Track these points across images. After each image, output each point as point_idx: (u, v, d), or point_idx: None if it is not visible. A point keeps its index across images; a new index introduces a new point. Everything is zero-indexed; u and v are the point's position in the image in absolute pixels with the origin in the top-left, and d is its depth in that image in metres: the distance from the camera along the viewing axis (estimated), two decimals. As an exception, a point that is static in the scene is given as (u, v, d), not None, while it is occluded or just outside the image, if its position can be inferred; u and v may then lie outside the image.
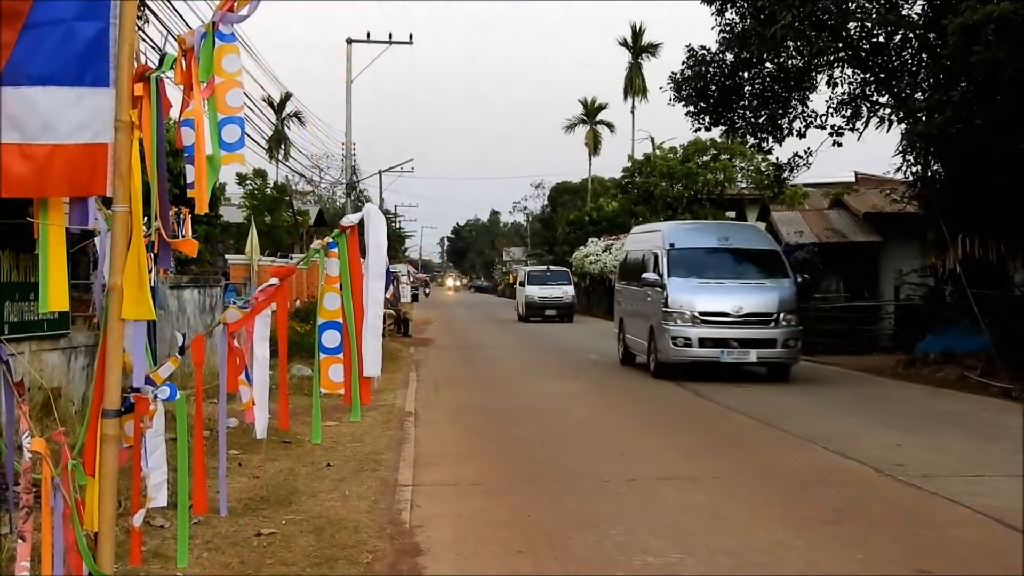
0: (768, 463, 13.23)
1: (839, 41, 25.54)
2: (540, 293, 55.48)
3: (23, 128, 4.52)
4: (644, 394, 21.22)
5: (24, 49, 4.51)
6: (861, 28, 26.11)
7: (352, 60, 46.39)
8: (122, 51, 4.59)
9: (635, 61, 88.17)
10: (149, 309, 4.61)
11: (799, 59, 26.54)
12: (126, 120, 4.56)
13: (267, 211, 47.21)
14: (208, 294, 22.77)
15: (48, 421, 11.01)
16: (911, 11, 25.48)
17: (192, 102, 4.59)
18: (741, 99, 28.11)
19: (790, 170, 30.10)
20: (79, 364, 14.90)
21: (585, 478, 12.11)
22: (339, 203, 66.64)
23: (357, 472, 12.24)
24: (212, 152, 4.60)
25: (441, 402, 19.88)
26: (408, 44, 46.74)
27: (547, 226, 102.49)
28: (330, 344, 5.29)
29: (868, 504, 10.87)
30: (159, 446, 4.98)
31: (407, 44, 46.69)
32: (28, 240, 5.17)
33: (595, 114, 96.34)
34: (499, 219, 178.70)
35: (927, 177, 25.86)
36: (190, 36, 4.73)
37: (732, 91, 27.76)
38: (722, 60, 27.35)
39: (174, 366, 5.03)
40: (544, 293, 55.45)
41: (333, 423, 14.98)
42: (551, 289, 55.62)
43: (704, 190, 52.56)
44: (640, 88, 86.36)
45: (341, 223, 5.31)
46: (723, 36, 26.98)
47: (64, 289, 4.87)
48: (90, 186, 4.66)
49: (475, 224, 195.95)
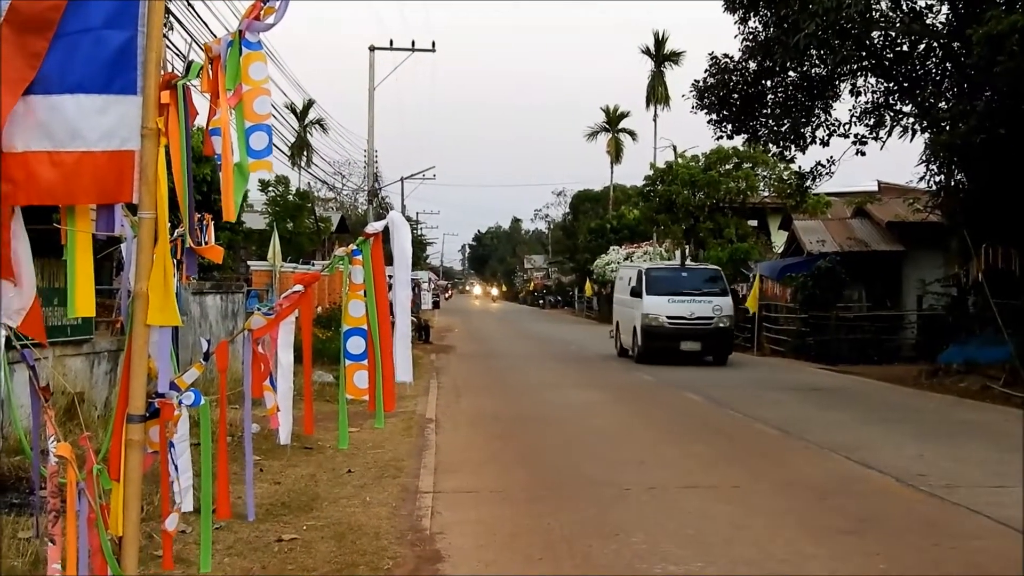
0: (788, 472, 13.20)
1: (863, 50, 25.49)
2: (673, 311, 32.03)
3: (52, 136, 4.56)
4: (664, 402, 21.21)
5: (55, 58, 4.54)
6: (885, 37, 26.04)
7: (375, 68, 46.47)
8: (149, 59, 4.62)
9: (658, 69, 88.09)
10: (174, 315, 4.64)
11: (822, 68, 26.48)
12: (153, 128, 4.58)
13: (289, 218, 47.34)
14: (230, 300, 22.85)
15: (72, 425, 11.08)
16: (935, 20, 25.43)
17: (219, 110, 4.62)
18: (764, 107, 28.07)
19: (813, 179, 30.02)
20: (102, 369, 14.99)
21: (605, 486, 12.11)
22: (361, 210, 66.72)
23: (378, 478, 12.27)
24: (240, 160, 4.63)
25: (462, 409, 19.91)
26: (431, 52, 46.82)
27: (568, 234, 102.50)
28: (355, 350, 5.31)
29: (890, 514, 10.83)
30: (185, 451, 5.02)
31: (430, 52, 46.77)
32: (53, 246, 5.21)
33: (617, 122, 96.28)
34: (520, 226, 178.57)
35: (950, 186, 25.78)
36: (217, 44, 4.74)
37: (755, 99, 27.73)
38: (745, 68, 27.33)
39: (199, 372, 5.06)
40: (680, 311, 31.99)
41: (355, 429, 15.00)
42: (692, 304, 32.23)
43: (726, 199, 52.30)
44: (662, 96, 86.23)
45: (365, 230, 5.33)
46: (746, 44, 26.96)
47: (91, 295, 4.90)
48: (117, 193, 4.68)
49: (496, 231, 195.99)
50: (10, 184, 4.53)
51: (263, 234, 37.70)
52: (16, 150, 4.54)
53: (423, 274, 60.62)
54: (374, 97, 46.75)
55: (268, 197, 48.53)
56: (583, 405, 20.41)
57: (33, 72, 4.53)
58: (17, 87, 4.52)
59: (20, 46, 4.52)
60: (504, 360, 33.78)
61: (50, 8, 4.55)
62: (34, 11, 4.54)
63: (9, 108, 4.50)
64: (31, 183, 4.57)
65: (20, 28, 4.52)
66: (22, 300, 4.61)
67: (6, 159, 4.51)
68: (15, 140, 4.54)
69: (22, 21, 4.52)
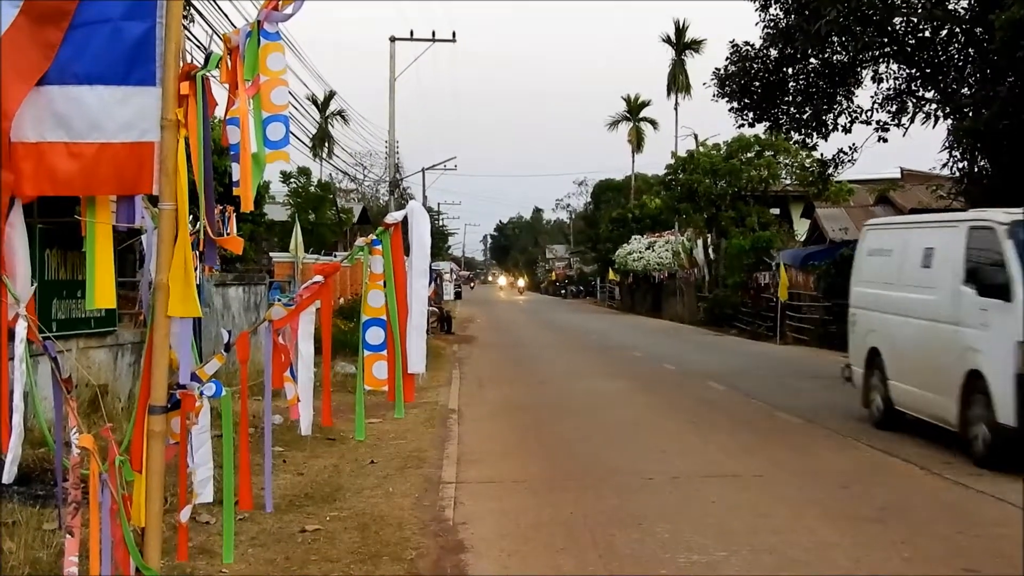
0: (812, 461, 13.16)
1: (884, 36, 25.30)
2: None
3: (70, 127, 4.57)
4: (687, 392, 21.15)
5: (71, 48, 4.56)
6: (907, 23, 25.84)
7: (396, 58, 46.39)
8: (168, 50, 4.62)
9: (678, 57, 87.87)
10: (195, 306, 4.64)
11: (844, 54, 26.30)
12: (172, 119, 4.59)
13: (311, 209, 47.41)
14: (253, 292, 22.90)
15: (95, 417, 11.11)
16: (957, 6, 25.18)
17: (237, 100, 4.61)
18: (785, 95, 27.88)
19: (835, 166, 29.80)
20: (126, 361, 15.04)
21: (628, 475, 12.10)
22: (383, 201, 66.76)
23: (401, 469, 12.29)
24: (257, 150, 4.62)
25: (484, 399, 19.92)
26: (451, 42, 46.68)
27: (590, 223, 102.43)
28: (374, 341, 5.30)
29: (914, 502, 10.79)
30: (205, 442, 5.01)
31: (450, 42, 46.63)
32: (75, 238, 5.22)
33: (638, 111, 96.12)
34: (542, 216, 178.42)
35: (974, 173, 25.56)
36: (235, 35, 4.75)
37: (776, 87, 27.55)
38: (766, 56, 27.15)
39: (220, 363, 5.06)
40: None
41: (377, 420, 15.03)
42: None
43: (748, 187, 52.05)
44: (683, 84, 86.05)
45: (385, 220, 5.32)
46: (767, 32, 26.78)
47: (111, 287, 4.91)
48: (137, 184, 4.69)
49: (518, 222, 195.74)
50: (15, 174, 4.52)
51: (285, 225, 37.75)
52: (28, 140, 4.55)
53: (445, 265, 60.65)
54: (395, 88, 46.66)
55: (290, 189, 48.62)
56: (605, 394, 20.39)
57: (48, 63, 4.54)
58: (31, 77, 4.53)
59: (35, 36, 4.53)
60: (526, 350, 33.77)
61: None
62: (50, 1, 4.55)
63: (21, 98, 4.50)
64: (45, 173, 4.58)
65: (36, 18, 4.53)
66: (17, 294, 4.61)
67: (15, 149, 4.51)
68: (27, 130, 4.54)
69: (38, 11, 4.53)
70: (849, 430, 15.33)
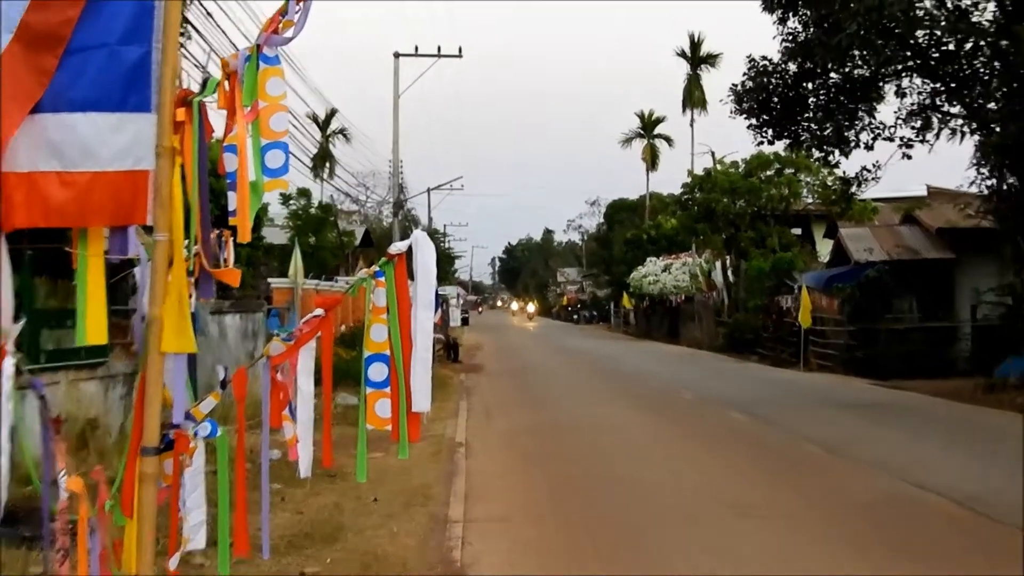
0: (839, 495, 13.07)
1: (907, 50, 25.32)
2: None
3: (62, 155, 4.56)
4: (706, 419, 21.08)
5: (65, 75, 4.55)
6: (930, 36, 25.85)
7: (400, 75, 46.49)
8: (164, 75, 4.62)
9: (694, 72, 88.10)
10: (190, 341, 4.61)
11: (865, 69, 26.31)
12: (168, 146, 4.58)
13: (312, 232, 47.53)
14: (250, 319, 22.90)
15: (84, 453, 11.11)
16: (982, 18, 25.21)
17: (235, 127, 4.61)
18: (805, 111, 27.92)
19: (858, 184, 29.80)
20: (117, 393, 15.03)
21: (645, 511, 12.04)
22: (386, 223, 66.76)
23: (405, 507, 12.24)
24: (255, 178, 4.62)
25: (493, 431, 19.87)
26: (457, 57, 46.78)
27: (603, 245, 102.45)
28: (377, 378, 5.27)
29: (948, 540, 10.71)
30: (199, 485, 4.98)
31: (456, 58, 46.74)
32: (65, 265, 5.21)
33: (652, 128, 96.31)
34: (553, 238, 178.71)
35: (1003, 190, 25.56)
36: (234, 59, 4.74)
37: (796, 102, 27.59)
38: (785, 70, 27.20)
39: (215, 401, 5.04)
40: None
41: (379, 455, 14.95)
42: None
43: (768, 206, 52.02)
44: (699, 100, 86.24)
45: (389, 251, 5.30)
46: (785, 46, 26.84)
47: (103, 322, 4.88)
48: (131, 214, 4.68)
49: (528, 243, 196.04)
50: (6, 205, 4.51)
51: (284, 249, 37.83)
52: (21, 169, 4.54)
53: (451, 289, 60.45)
54: (399, 105, 46.75)
55: (289, 211, 48.71)
56: (621, 425, 20.32)
57: (42, 89, 4.53)
58: (25, 104, 4.52)
59: (29, 62, 4.53)
60: (537, 378, 33.74)
61: (62, 23, 4.56)
62: (46, 26, 4.54)
63: (16, 126, 4.50)
64: (38, 204, 4.56)
65: (30, 44, 4.52)
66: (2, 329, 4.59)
67: (7, 179, 4.51)
68: (20, 159, 4.54)
69: (32, 37, 4.52)
70: (879, 461, 15.24)
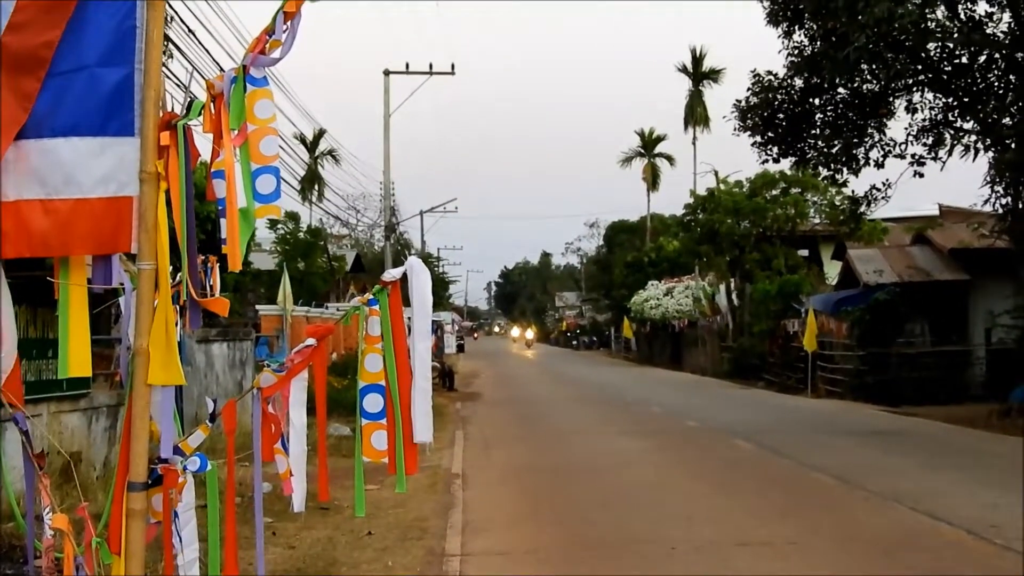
0: (850, 526, 13.07)
1: (918, 63, 25.38)
2: None
3: (44, 182, 4.56)
4: (711, 449, 21.08)
5: (47, 99, 4.55)
6: (942, 49, 25.91)
7: (391, 93, 46.51)
8: (147, 98, 4.62)
9: (696, 88, 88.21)
10: (178, 373, 4.61)
11: (875, 83, 26.34)
12: (152, 171, 4.57)
13: (301, 257, 47.50)
14: (238, 348, 22.88)
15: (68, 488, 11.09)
16: (996, 30, 25.29)
17: (223, 151, 4.60)
18: (812, 127, 27.94)
19: (868, 204, 29.81)
20: (101, 426, 15.02)
21: (649, 544, 12.03)
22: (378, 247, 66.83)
23: (401, 541, 12.24)
24: (246, 205, 4.60)
25: (491, 462, 19.86)
26: (450, 75, 46.73)
27: (603, 268, 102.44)
28: (372, 409, 5.27)
29: (961, 571, 10.71)
30: (190, 520, 4.99)
31: (449, 75, 46.69)
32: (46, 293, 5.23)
33: (653, 146, 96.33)
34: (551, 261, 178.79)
35: (1018, 209, 25.59)
36: (219, 80, 4.73)
37: (802, 119, 27.61)
38: (790, 86, 27.25)
39: (204, 435, 5.04)
40: None
41: (374, 487, 14.98)
42: None
43: (774, 227, 52.02)
44: (702, 117, 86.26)
45: (383, 278, 5.31)
46: (791, 60, 26.88)
47: (86, 353, 4.89)
48: (115, 242, 4.67)
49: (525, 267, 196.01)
50: None
51: (272, 275, 37.83)
52: (8, 199, 4.55)
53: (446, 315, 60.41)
54: (390, 124, 46.79)
55: (277, 235, 48.71)
56: (623, 454, 20.32)
57: (25, 114, 4.54)
58: (9, 131, 4.53)
59: (11, 87, 4.54)
60: (536, 407, 33.71)
61: (42, 46, 4.57)
62: (26, 49, 4.55)
63: (1, 154, 4.51)
64: (23, 233, 4.57)
65: (11, 68, 4.53)
66: (3, 360, 4.61)
67: None
68: (7, 187, 4.55)
69: (13, 60, 4.53)
70: (891, 491, 15.24)
